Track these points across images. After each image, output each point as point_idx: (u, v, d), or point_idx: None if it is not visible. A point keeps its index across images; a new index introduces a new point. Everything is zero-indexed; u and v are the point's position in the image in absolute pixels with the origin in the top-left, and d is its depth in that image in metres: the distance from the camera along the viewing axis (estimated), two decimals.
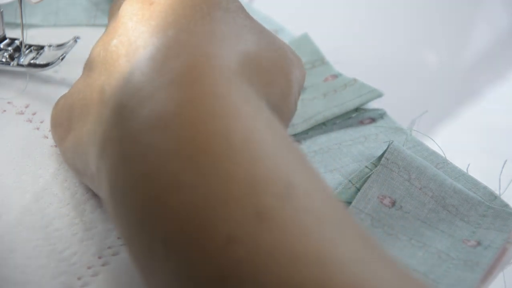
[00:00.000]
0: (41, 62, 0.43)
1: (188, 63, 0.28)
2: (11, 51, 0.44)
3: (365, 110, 0.43)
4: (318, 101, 0.43)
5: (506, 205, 0.36)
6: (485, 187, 0.37)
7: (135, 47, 0.31)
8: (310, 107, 0.43)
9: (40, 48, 0.44)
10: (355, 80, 0.45)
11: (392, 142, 0.38)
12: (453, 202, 0.36)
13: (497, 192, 0.37)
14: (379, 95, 0.43)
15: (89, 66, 0.34)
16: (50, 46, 0.45)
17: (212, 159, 0.25)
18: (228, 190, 0.24)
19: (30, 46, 0.44)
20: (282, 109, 0.33)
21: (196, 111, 0.26)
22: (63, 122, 0.35)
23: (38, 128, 0.40)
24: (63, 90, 0.38)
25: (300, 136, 0.41)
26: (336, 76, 0.45)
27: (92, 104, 0.32)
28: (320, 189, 0.26)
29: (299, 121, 0.42)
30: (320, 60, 0.47)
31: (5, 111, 0.41)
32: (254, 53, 0.32)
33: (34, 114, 0.41)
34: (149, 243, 0.25)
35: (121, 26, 0.33)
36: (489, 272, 0.34)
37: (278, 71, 0.33)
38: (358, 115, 0.43)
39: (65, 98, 0.36)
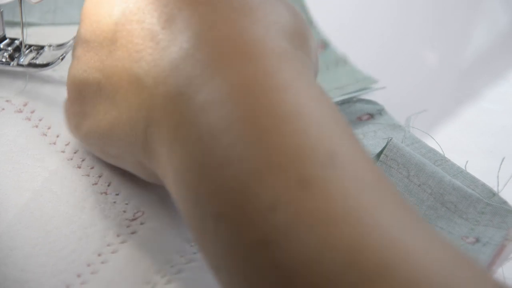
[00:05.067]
0: (41, 62, 0.43)
1: (235, 44, 0.29)
2: (11, 51, 0.44)
3: (364, 100, 0.43)
4: None
5: (505, 202, 0.36)
6: (483, 184, 0.37)
7: (170, 32, 0.30)
8: None
9: (40, 48, 0.44)
10: (345, 61, 0.45)
11: (391, 139, 0.38)
12: (451, 199, 0.36)
13: (495, 189, 0.37)
14: (374, 82, 0.44)
15: (97, 42, 0.33)
16: (50, 46, 0.44)
17: (259, 132, 0.26)
18: (272, 160, 0.25)
19: (30, 46, 0.44)
20: (315, 71, 0.34)
21: (248, 89, 0.27)
22: (76, 109, 0.34)
23: (37, 126, 0.40)
24: (63, 89, 0.38)
25: None
26: (324, 45, 0.45)
27: (117, 88, 0.31)
28: (362, 159, 0.27)
29: None
30: (308, 22, 0.46)
31: (3, 109, 0.41)
32: (288, 22, 0.32)
33: (32, 112, 0.41)
34: (202, 217, 0.26)
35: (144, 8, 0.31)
36: (488, 268, 0.34)
37: (306, 35, 0.33)
38: (356, 105, 0.43)
39: (73, 83, 0.35)
